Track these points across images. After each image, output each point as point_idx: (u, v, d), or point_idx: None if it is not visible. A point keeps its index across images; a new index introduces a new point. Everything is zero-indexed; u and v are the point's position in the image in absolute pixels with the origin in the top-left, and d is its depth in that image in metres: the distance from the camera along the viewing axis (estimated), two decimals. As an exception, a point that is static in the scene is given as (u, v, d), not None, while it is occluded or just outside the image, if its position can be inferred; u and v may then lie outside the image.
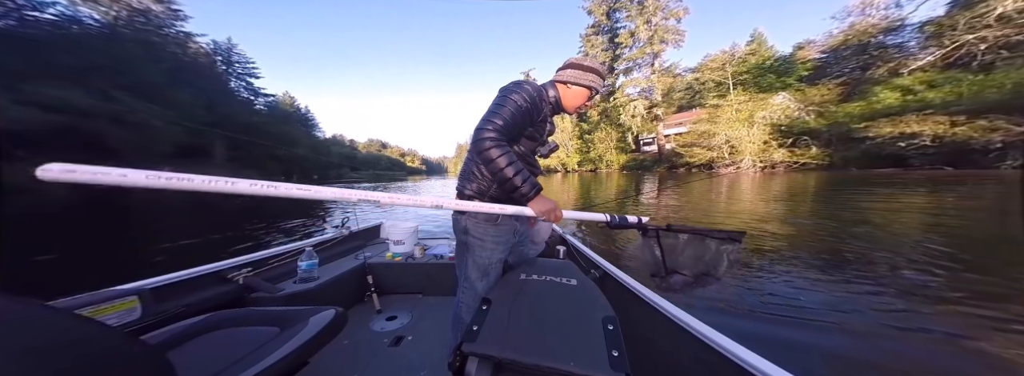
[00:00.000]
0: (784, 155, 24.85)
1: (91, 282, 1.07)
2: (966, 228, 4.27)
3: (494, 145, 0.88)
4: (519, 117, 0.94)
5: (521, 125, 0.97)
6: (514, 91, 0.97)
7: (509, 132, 0.93)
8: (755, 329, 1.87)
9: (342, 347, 1.45)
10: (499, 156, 0.87)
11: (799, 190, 10.09)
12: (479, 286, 1.06)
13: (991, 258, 3.12)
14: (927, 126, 18.05)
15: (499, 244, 1.07)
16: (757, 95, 28.61)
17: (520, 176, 0.89)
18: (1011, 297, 2.19)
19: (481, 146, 0.88)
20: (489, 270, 1.07)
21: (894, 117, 19.47)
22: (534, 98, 0.97)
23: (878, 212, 5.64)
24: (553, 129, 1.16)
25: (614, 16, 41.29)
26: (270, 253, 1.67)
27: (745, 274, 2.69)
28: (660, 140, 38.97)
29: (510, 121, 0.92)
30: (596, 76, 1.05)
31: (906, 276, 2.66)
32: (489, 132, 0.88)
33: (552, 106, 1.07)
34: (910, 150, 18.59)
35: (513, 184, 0.90)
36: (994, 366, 1.55)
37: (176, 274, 1.26)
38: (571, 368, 0.67)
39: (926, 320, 1.97)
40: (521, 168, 0.90)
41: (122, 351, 0.54)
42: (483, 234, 1.05)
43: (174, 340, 0.90)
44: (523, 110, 0.94)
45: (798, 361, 1.57)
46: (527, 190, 0.90)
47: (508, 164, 0.87)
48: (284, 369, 0.76)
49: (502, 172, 0.88)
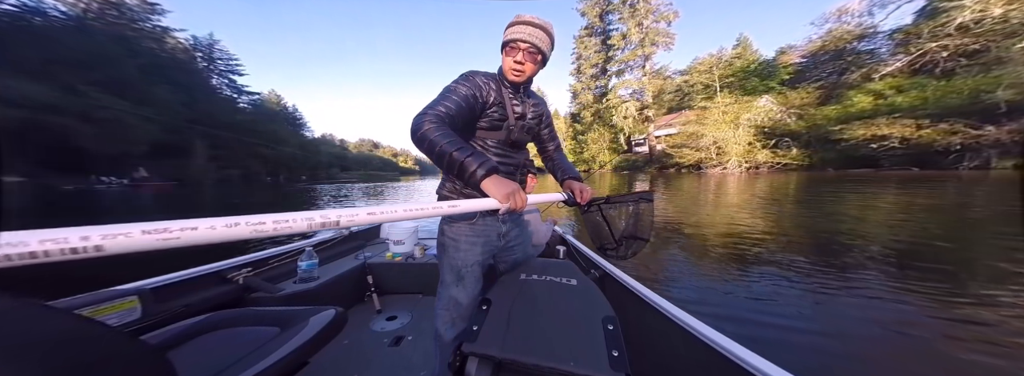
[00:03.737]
0: (767, 156, 26.20)
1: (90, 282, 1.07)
2: (937, 224, 4.75)
3: (430, 125, 0.79)
4: (462, 103, 0.87)
5: (466, 112, 0.89)
6: (456, 81, 0.93)
7: (453, 120, 0.85)
8: (752, 327, 1.94)
9: (342, 347, 1.46)
10: (436, 134, 0.78)
11: (782, 190, 10.82)
12: (453, 290, 1.00)
13: (959, 251, 3.47)
14: (896, 129, 19.46)
15: (474, 245, 1.00)
16: (742, 98, 29.90)
17: (462, 152, 0.77)
18: (975, 285, 2.45)
19: (416, 128, 0.79)
20: (463, 273, 1.00)
21: (867, 120, 20.85)
22: (476, 82, 0.92)
23: (855, 209, 6.30)
24: (525, 114, 1.04)
25: (607, 18, 42.20)
26: (270, 253, 1.67)
27: (741, 273, 2.92)
28: (651, 141, 40.13)
29: (453, 108, 0.85)
30: (516, 27, 0.92)
31: (882, 270, 2.85)
32: (427, 116, 0.81)
33: (498, 82, 0.98)
34: (881, 152, 20.02)
35: (457, 162, 0.77)
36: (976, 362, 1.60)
37: (176, 274, 1.26)
38: (571, 368, 0.68)
39: (895, 309, 2.12)
40: (463, 145, 0.78)
41: (122, 351, 0.54)
42: (456, 233, 0.99)
43: (174, 340, 0.89)
44: (464, 96, 0.88)
45: (796, 359, 1.63)
46: (474, 167, 0.77)
47: (446, 140, 0.77)
48: (284, 369, 0.77)
49: (441, 149, 0.77)
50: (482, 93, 0.94)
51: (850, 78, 25.54)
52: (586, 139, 46.11)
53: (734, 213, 6.14)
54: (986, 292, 2.37)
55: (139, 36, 30.09)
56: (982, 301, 2.23)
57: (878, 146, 20.02)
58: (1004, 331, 1.87)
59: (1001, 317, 2.02)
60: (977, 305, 2.18)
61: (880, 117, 20.30)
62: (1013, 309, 2.10)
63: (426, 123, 0.80)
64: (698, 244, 4.09)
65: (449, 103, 0.86)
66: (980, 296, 2.31)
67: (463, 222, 1.01)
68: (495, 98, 0.96)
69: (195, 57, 39.96)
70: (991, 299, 2.26)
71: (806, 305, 2.25)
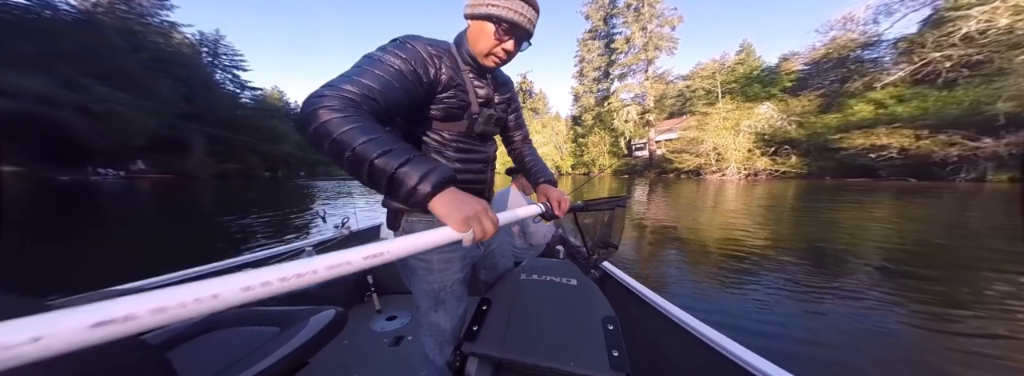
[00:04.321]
0: (766, 163, 26.16)
1: (91, 282, 1.07)
2: (932, 235, 4.91)
3: (333, 115, 0.49)
4: (394, 83, 0.59)
5: (402, 96, 0.61)
6: (383, 49, 0.64)
7: (377, 106, 0.56)
8: (745, 324, 2.04)
9: (342, 347, 1.46)
10: (345, 128, 0.48)
11: (780, 197, 10.91)
12: (432, 317, 0.83)
13: (952, 262, 3.55)
14: (895, 139, 19.44)
15: (450, 262, 0.80)
16: (744, 104, 29.90)
17: (391, 156, 0.49)
18: (970, 296, 2.53)
19: (309, 117, 0.49)
20: (443, 296, 0.82)
21: (866, 129, 20.82)
22: (418, 53, 0.65)
23: (851, 219, 6.41)
24: (491, 97, 0.81)
25: (611, 22, 42.16)
26: (270, 253, 1.67)
27: (735, 277, 2.99)
28: (651, 145, 40.14)
29: (376, 88, 0.56)
30: (512, 1, 0.67)
31: (875, 278, 2.94)
32: (325, 99, 0.50)
33: (452, 57, 0.72)
34: (879, 161, 19.98)
35: (383, 172, 0.49)
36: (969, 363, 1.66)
37: (176, 274, 1.27)
38: (571, 368, 0.67)
39: (889, 314, 2.22)
40: (394, 144, 0.50)
41: (122, 351, 0.53)
42: (426, 254, 0.77)
43: (174, 340, 0.89)
44: (397, 73, 0.61)
45: (791, 357, 1.70)
46: (413, 179, 0.49)
47: (364, 138, 0.48)
48: (284, 369, 0.76)
49: (355, 152, 0.48)
50: (428, 71, 0.66)
51: (852, 86, 25.47)
52: (586, 142, 46.15)
53: (733, 219, 6.24)
54: (974, 301, 2.45)
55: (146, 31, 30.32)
56: (971, 311, 2.30)
57: (876, 156, 20.00)
58: (994, 342, 1.93)
59: (987, 326, 2.07)
60: (965, 314, 2.25)
61: (880, 126, 20.27)
62: (1000, 321, 2.17)
63: (324, 111, 0.49)
64: (695, 249, 4.26)
65: (370, 81, 0.57)
66: (968, 305, 2.37)
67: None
68: (450, 78, 0.70)
69: (201, 52, 40.35)
70: (980, 308, 2.33)
71: (797, 311, 2.31)
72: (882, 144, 19.81)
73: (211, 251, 4.39)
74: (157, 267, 1.30)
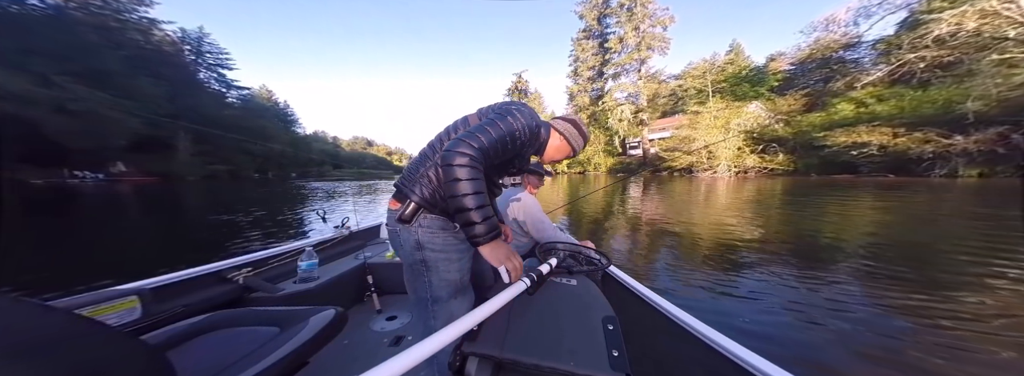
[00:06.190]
0: (755, 161, 27.12)
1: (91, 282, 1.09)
2: (907, 228, 5.21)
3: (467, 165, 0.73)
4: (507, 145, 0.82)
5: (503, 154, 0.85)
6: (514, 115, 0.85)
7: (487, 157, 0.79)
8: (743, 323, 2.05)
9: (342, 347, 1.46)
10: (467, 179, 0.73)
11: (768, 192, 11.29)
12: (452, 305, 0.94)
13: (928, 253, 3.81)
14: (875, 136, 20.43)
15: (463, 252, 0.95)
16: (733, 103, 30.84)
17: (480, 212, 0.74)
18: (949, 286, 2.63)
19: (451, 160, 0.73)
20: (464, 285, 0.96)
21: (848, 127, 21.81)
22: (533, 131, 0.88)
23: (836, 212, 6.84)
24: (525, 167, 1.10)
25: (605, 21, 42.76)
26: (270, 253, 1.68)
27: (724, 271, 3.09)
28: (645, 144, 40.97)
29: (497, 146, 0.80)
30: (583, 141, 1.04)
31: (861, 271, 3.02)
32: (467, 149, 0.74)
33: (539, 146, 1.00)
34: (860, 158, 21.02)
35: (468, 219, 0.74)
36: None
37: (176, 274, 1.27)
38: (571, 368, 0.68)
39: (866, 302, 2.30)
40: (485, 203, 0.75)
41: (122, 351, 0.54)
42: (444, 245, 0.91)
43: (174, 340, 0.90)
44: (516, 140, 0.84)
45: (789, 355, 1.70)
46: (481, 232, 0.75)
47: (474, 192, 0.73)
48: (284, 369, 0.77)
49: (462, 200, 0.73)
50: (529, 146, 0.90)
51: (835, 86, 26.57)
52: (582, 140, 46.66)
53: (724, 216, 6.71)
54: (948, 292, 2.56)
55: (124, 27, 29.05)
56: (945, 299, 2.42)
57: (858, 153, 21.02)
58: (969, 329, 1.99)
59: (960, 313, 2.16)
60: (938, 301, 2.38)
61: (861, 125, 21.28)
62: (974, 306, 2.29)
63: (462, 159, 0.73)
64: (688, 242, 4.53)
65: (496, 138, 0.80)
66: (943, 296, 2.48)
67: (446, 232, 0.91)
68: (527, 154, 0.98)
69: (183, 50, 38.84)
70: (953, 299, 2.43)
71: (778, 303, 2.41)
72: (863, 141, 20.79)
73: (210, 251, 4.16)
74: (158, 267, 1.26)
